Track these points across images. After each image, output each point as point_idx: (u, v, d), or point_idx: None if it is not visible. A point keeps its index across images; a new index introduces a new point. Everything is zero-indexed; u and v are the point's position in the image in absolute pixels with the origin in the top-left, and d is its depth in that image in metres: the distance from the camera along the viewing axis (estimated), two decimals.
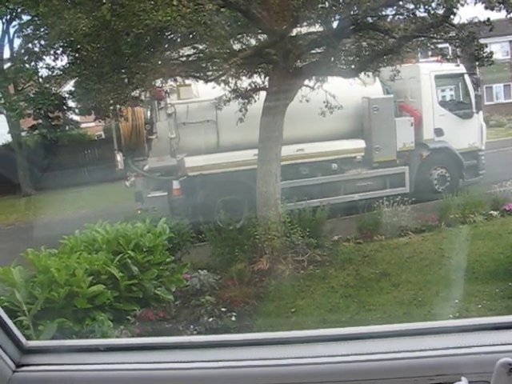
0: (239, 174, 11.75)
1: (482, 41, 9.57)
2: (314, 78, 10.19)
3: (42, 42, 19.63)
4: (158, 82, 10.46)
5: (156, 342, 1.65)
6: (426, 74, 13.47)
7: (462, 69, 13.57)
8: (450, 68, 13.32)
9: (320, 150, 12.78)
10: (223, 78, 9.63)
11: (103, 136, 27.09)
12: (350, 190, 12.98)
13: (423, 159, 13.54)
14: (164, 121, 11.69)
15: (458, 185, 13.52)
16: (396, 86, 13.18)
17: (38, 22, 17.83)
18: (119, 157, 12.29)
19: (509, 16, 8.97)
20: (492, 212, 11.11)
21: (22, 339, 1.70)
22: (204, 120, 11.75)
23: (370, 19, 9.42)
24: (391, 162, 13.30)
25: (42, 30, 18.37)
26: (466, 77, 13.90)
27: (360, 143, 13.22)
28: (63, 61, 13.15)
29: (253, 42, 10.26)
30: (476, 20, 9.20)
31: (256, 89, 10.37)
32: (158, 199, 11.93)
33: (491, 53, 9.69)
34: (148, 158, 12.34)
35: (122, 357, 1.60)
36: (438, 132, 13.64)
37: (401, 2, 9.50)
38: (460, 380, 1.35)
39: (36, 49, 20.71)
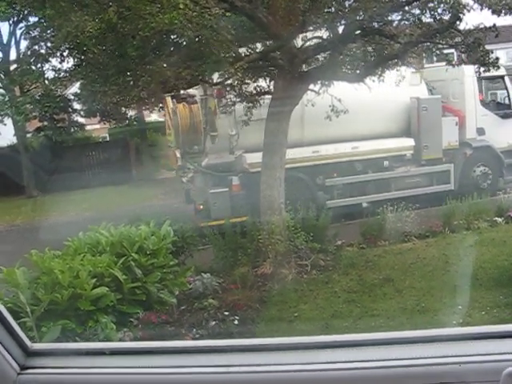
0: (297, 170, 12.17)
1: (487, 47, 9.58)
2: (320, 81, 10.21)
3: (49, 44, 19.66)
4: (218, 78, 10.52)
5: (162, 346, 1.65)
6: (469, 76, 13.73)
7: (502, 71, 13.87)
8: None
9: (373, 147, 13.19)
10: (229, 81, 9.63)
11: (108, 138, 27.12)
12: (400, 187, 13.42)
13: (467, 157, 13.96)
14: (224, 118, 11.83)
15: (498, 182, 14.05)
16: (438, 87, 13.95)
17: (45, 24, 17.91)
18: (178, 153, 12.48)
19: None
20: (496, 218, 11.07)
21: (27, 342, 1.71)
22: (262, 118, 11.65)
23: (375, 24, 9.44)
24: (437, 159, 13.78)
25: (49, 32, 18.43)
26: (507, 78, 14.43)
27: (409, 141, 13.68)
28: (69, 63, 13.18)
29: (259, 46, 10.28)
30: (482, 26, 9.19)
31: (261, 93, 10.38)
32: (219, 195, 12.20)
33: (497, 58, 9.69)
34: (206, 155, 12.59)
35: (128, 361, 1.60)
36: (480, 131, 14.08)
37: (407, 8, 9.50)
38: None
39: (42, 51, 20.73)
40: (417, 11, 9.41)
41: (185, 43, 10.09)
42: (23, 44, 22.18)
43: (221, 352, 1.56)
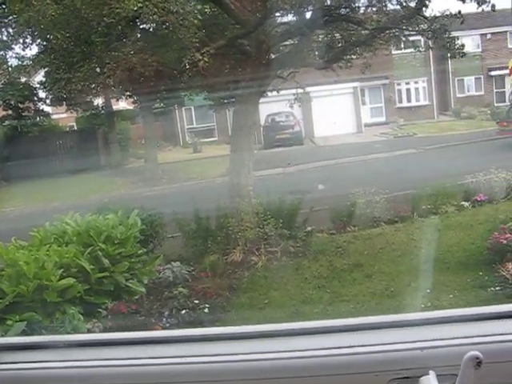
0: None
1: (453, 34, 9.67)
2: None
3: (10, 30, 19.21)
4: None
5: (116, 337, 1.60)
6: None
7: None
8: None
9: None
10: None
11: (75, 127, 26.71)
12: None
13: None
14: None
15: None
16: None
17: (6, 10, 17.46)
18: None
19: (480, 8, 9.06)
20: (463, 203, 11.20)
21: None
22: None
23: (342, 11, 9.42)
24: None
25: (10, 17, 17.98)
26: None
27: None
28: (33, 50, 12.92)
29: (226, 32, 10.19)
30: (448, 13, 9.27)
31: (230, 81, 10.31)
32: None
33: (463, 45, 9.78)
34: None
35: (83, 353, 1.55)
36: None
37: None
38: (427, 374, 1.33)
39: (4, 37, 20.28)
40: None
41: (151, 29, 9.95)
42: None
43: (178, 342, 1.53)
